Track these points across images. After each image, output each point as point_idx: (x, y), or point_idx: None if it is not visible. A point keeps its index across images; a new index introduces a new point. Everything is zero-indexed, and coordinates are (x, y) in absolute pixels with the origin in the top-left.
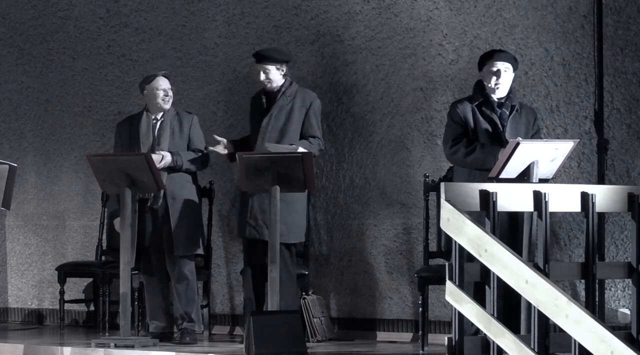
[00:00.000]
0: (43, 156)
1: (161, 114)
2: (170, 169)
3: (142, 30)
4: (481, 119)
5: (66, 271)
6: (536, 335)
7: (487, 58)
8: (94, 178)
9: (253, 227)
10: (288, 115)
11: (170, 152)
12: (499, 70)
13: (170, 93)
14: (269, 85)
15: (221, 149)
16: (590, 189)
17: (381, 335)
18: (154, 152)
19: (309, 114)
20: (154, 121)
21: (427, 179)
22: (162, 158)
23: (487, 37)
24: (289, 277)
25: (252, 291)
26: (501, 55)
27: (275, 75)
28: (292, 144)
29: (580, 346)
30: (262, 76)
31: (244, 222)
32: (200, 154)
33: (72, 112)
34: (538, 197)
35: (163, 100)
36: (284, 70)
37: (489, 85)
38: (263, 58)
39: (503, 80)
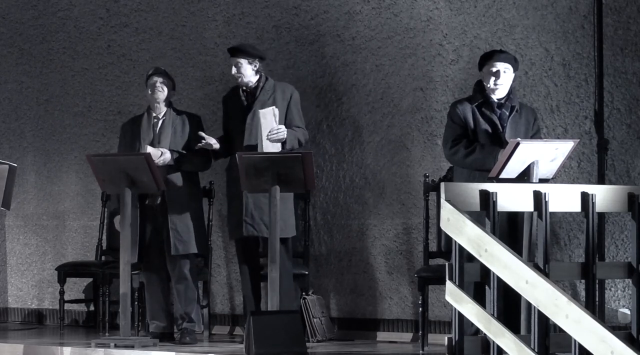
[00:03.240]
0: (43, 156)
1: (163, 113)
2: (171, 168)
3: (142, 30)
4: (481, 119)
5: (66, 271)
6: (536, 335)
7: (487, 58)
8: (94, 178)
9: (250, 224)
10: None
11: (171, 151)
12: (498, 71)
13: (163, 87)
14: (239, 79)
15: (214, 142)
16: (590, 189)
17: (381, 335)
18: (154, 147)
19: (290, 106)
20: (155, 120)
21: (427, 179)
22: (162, 154)
23: (487, 37)
24: (286, 273)
25: (251, 289)
26: (501, 56)
27: (246, 70)
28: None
29: (580, 346)
30: (234, 70)
31: (239, 221)
32: (201, 154)
33: (72, 112)
34: (538, 197)
35: (153, 92)
36: (256, 66)
37: (489, 85)
38: (235, 52)
39: (503, 80)
